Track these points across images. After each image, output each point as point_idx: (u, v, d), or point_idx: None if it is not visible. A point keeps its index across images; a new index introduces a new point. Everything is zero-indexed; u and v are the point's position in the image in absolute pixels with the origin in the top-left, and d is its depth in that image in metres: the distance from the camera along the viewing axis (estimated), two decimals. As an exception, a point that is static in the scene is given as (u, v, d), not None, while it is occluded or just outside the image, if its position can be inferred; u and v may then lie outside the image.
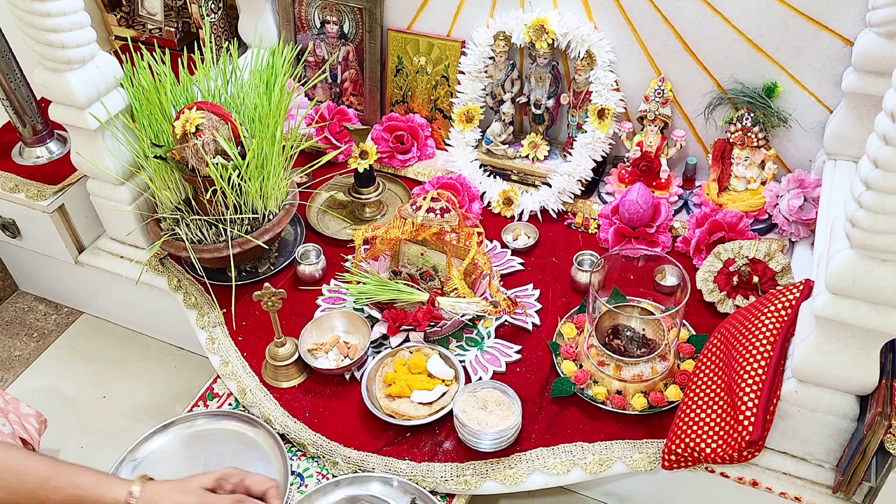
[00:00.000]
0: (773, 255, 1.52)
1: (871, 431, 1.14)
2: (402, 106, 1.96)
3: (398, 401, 1.40)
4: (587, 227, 1.74)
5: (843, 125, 1.48)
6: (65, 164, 1.81)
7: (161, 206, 1.63)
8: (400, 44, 1.88)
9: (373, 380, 1.44)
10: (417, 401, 1.39)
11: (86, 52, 1.50)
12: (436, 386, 1.41)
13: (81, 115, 1.54)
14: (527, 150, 1.82)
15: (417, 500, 1.32)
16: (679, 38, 1.62)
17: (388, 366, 1.46)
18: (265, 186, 1.56)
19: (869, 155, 0.95)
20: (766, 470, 1.33)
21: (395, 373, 1.44)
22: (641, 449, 1.35)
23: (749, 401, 1.23)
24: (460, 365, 1.46)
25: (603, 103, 1.69)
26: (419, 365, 1.44)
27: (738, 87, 1.61)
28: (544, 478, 1.34)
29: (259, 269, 1.68)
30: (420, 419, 1.37)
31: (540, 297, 1.60)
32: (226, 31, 2.09)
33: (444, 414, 1.38)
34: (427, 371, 1.44)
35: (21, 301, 2.07)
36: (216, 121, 1.48)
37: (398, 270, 1.61)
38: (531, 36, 1.68)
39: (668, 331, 1.40)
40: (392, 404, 1.40)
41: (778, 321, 1.29)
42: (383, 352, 1.48)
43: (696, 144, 1.76)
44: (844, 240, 1.05)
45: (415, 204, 1.55)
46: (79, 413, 1.76)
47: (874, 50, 1.35)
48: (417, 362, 1.44)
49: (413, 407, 1.39)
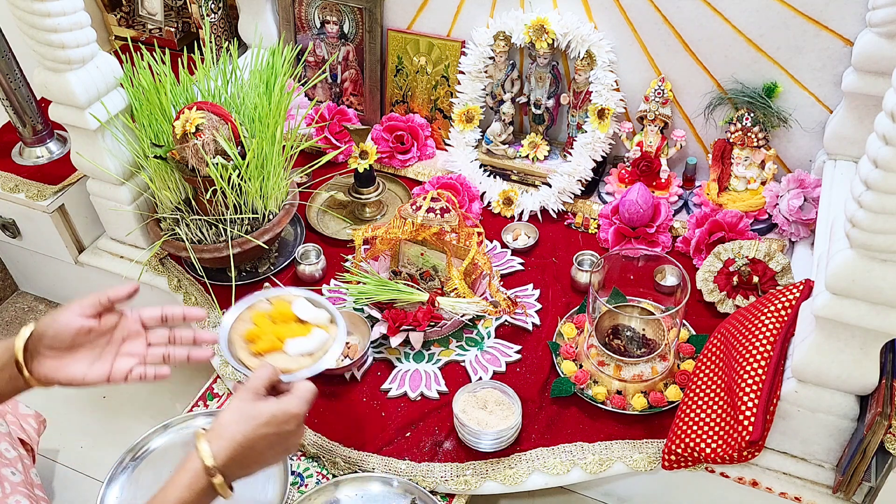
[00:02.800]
0: (773, 255, 1.52)
1: (871, 431, 1.14)
2: (402, 106, 1.96)
3: (270, 357, 1.15)
4: (587, 227, 1.74)
5: (843, 125, 1.48)
6: (65, 164, 1.81)
7: (161, 206, 1.63)
8: (400, 44, 1.88)
9: (233, 344, 1.17)
10: (295, 351, 1.16)
11: (86, 52, 1.50)
12: (311, 330, 1.18)
13: (81, 115, 1.54)
14: (527, 150, 1.82)
15: (417, 500, 1.32)
16: (679, 38, 1.62)
17: (245, 322, 1.19)
18: (265, 186, 1.56)
19: (869, 155, 0.95)
20: (766, 470, 1.33)
21: (258, 327, 1.19)
22: (641, 449, 1.35)
23: (749, 401, 1.23)
24: (333, 306, 1.23)
25: (603, 103, 1.69)
26: (284, 313, 1.20)
27: (738, 87, 1.61)
28: (544, 478, 1.34)
29: (259, 269, 1.68)
30: (306, 369, 1.13)
31: (540, 297, 1.60)
32: (226, 31, 2.09)
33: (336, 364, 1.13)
34: (296, 318, 1.20)
35: (21, 301, 2.07)
36: (216, 121, 1.48)
37: (398, 270, 1.61)
38: (531, 36, 1.68)
39: (668, 331, 1.40)
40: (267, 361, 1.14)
41: (778, 321, 1.29)
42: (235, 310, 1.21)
43: (696, 144, 1.76)
44: (844, 240, 1.05)
45: (415, 204, 1.55)
46: (79, 413, 1.76)
47: (874, 50, 1.35)
48: (281, 310, 1.20)
49: (292, 360, 1.15)
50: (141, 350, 1.06)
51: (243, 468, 0.97)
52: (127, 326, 1.07)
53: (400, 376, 1.48)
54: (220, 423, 0.96)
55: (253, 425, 0.95)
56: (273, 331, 1.17)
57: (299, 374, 1.12)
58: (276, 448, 0.98)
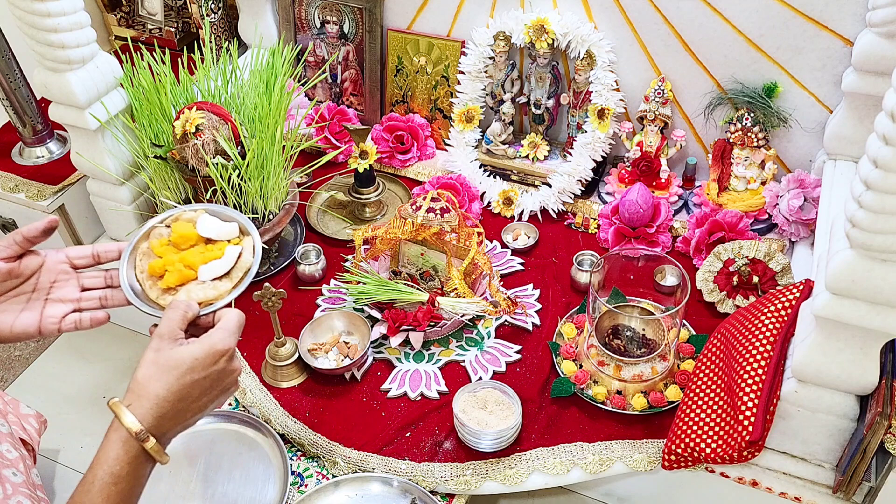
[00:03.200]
0: (773, 255, 1.52)
1: (871, 431, 1.14)
2: (402, 106, 1.96)
3: (183, 290, 0.98)
4: (587, 227, 1.74)
5: (843, 125, 1.48)
6: (65, 164, 1.81)
7: (161, 206, 1.63)
8: (400, 44, 1.88)
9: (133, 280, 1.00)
10: (210, 277, 0.99)
11: (86, 52, 1.50)
12: (224, 250, 1.02)
13: (81, 115, 1.54)
14: (527, 150, 1.82)
15: (417, 500, 1.32)
16: (679, 38, 1.62)
17: (145, 257, 1.01)
18: (265, 186, 1.56)
19: (869, 155, 0.95)
20: (766, 470, 1.33)
21: (161, 259, 1.00)
22: (641, 449, 1.35)
23: (749, 401, 1.23)
24: (241, 215, 1.05)
25: (603, 103, 1.69)
26: (188, 235, 1.02)
27: (738, 87, 1.61)
28: (544, 478, 1.34)
29: (259, 268, 1.68)
30: (227, 296, 0.98)
31: (540, 297, 1.60)
32: (226, 31, 2.09)
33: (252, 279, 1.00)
34: (202, 238, 1.03)
35: (21, 301, 2.06)
36: (216, 121, 1.48)
37: (398, 270, 1.61)
38: (531, 36, 1.68)
39: (668, 331, 1.40)
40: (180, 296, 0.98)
41: (778, 321, 1.29)
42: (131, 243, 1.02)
43: (696, 144, 1.76)
44: (844, 240, 1.05)
45: (415, 204, 1.55)
46: (79, 413, 1.76)
47: (874, 50, 1.35)
48: (183, 233, 1.02)
49: (210, 287, 0.98)
50: (73, 294, 0.97)
51: (178, 423, 0.88)
52: (55, 269, 0.97)
53: (400, 376, 1.48)
54: (137, 381, 0.86)
55: (175, 375, 0.86)
56: (181, 258, 1.00)
57: (220, 303, 0.97)
58: (212, 392, 0.89)
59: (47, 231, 0.95)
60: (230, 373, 0.91)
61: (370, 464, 1.36)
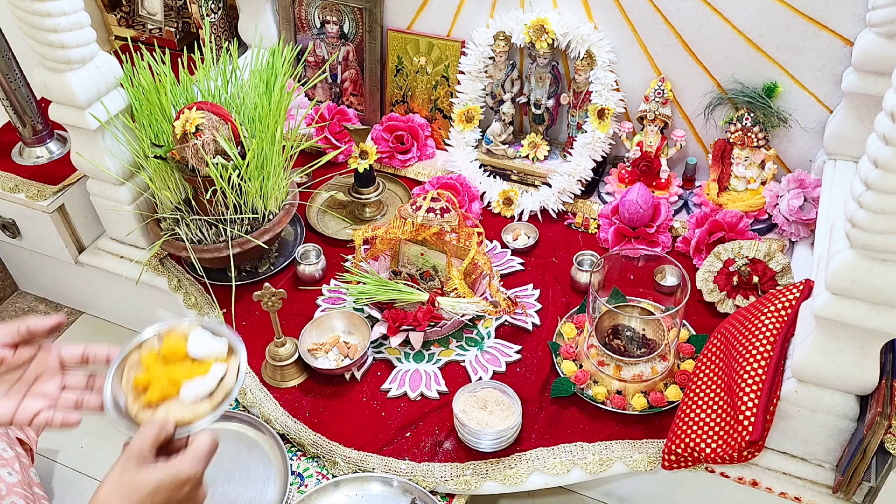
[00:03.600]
0: (773, 255, 1.52)
1: (871, 431, 1.14)
2: (402, 106, 1.96)
3: (165, 406, 0.97)
4: (587, 227, 1.74)
5: (843, 125, 1.48)
6: (65, 164, 1.80)
7: (161, 206, 1.63)
8: (400, 44, 1.88)
9: (118, 389, 1.00)
10: (192, 396, 0.98)
11: (86, 52, 1.50)
12: (210, 368, 1.00)
13: (81, 115, 1.54)
14: (527, 150, 1.82)
15: (417, 500, 1.32)
16: (679, 38, 1.62)
17: (132, 369, 1.02)
18: (265, 186, 1.56)
19: (869, 155, 0.95)
20: (766, 470, 1.33)
21: (147, 371, 1.00)
22: (641, 449, 1.35)
23: (749, 401, 1.23)
24: (232, 332, 1.03)
25: (603, 103, 1.69)
26: (177, 350, 1.01)
27: (738, 87, 1.61)
28: (544, 478, 1.34)
29: (259, 269, 1.68)
30: (204, 419, 0.96)
31: (540, 297, 1.60)
32: (226, 31, 2.09)
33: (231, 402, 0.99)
34: (190, 356, 1.01)
35: (21, 301, 2.07)
36: (216, 121, 1.48)
37: (398, 270, 1.61)
38: (531, 36, 1.68)
39: (668, 331, 1.40)
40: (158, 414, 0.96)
41: (778, 321, 1.29)
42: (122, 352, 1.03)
43: (696, 144, 1.76)
44: (844, 240, 1.05)
45: (415, 204, 1.55)
46: (79, 413, 1.76)
47: (874, 50, 1.35)
48: (173, 347, 1.02)
49: (189, 408, 0.97)
50: (53, 392, 0.98)
51: None
52: (43, 363, 0.98)
53: (400, 376, 1.48)
54: (99, 500, 0.85)
55: (136, 497, 0.84)
56: (165, 374, 0.99)
57: (197, 426, 0.95)
58: None
59: (53, 331, 0.98)
60: (192, 499, 0.90)
61: (370, 464, 1.36)
